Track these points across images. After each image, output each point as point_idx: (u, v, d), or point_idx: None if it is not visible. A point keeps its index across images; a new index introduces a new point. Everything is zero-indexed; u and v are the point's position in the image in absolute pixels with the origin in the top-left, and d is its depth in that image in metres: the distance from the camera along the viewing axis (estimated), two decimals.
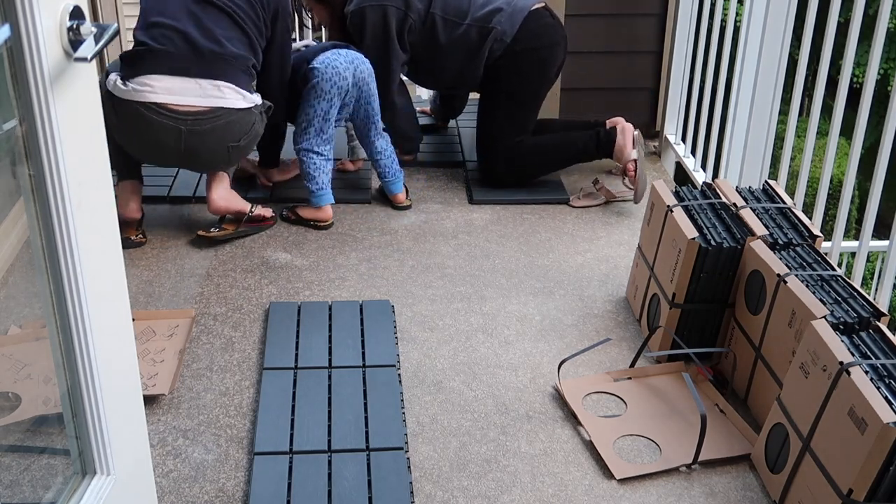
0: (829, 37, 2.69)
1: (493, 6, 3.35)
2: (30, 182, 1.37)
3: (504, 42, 3.35)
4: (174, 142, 2.77)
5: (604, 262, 2.99)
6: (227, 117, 2.79)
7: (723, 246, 2.33)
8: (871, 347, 1.93)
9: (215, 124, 2.78)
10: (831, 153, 2.76)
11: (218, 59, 2.79)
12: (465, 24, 3.33)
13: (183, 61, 2.76)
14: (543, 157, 3.49)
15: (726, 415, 2.27)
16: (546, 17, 3.41)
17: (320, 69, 3.10)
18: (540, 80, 3.45)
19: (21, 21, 1.26)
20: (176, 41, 2.76)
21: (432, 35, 3.36)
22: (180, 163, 3.00)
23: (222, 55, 2.79)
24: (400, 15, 3.31)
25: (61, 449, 1.67)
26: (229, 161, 2.95)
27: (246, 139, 2.88)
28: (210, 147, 2.83)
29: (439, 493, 2.02)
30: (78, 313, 1.44)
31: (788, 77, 3.01)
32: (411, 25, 3.32)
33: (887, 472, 1.72)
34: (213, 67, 2.77)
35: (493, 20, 3.33)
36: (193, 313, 2.61)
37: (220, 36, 2.80)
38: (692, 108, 3.63)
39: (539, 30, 3.38)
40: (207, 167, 2.99)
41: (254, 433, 2.16)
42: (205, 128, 2.77)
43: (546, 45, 3.41)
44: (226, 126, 2.80)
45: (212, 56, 2.78)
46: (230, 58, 2.80)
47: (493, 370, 2.44)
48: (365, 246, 3.05)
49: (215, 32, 2.79)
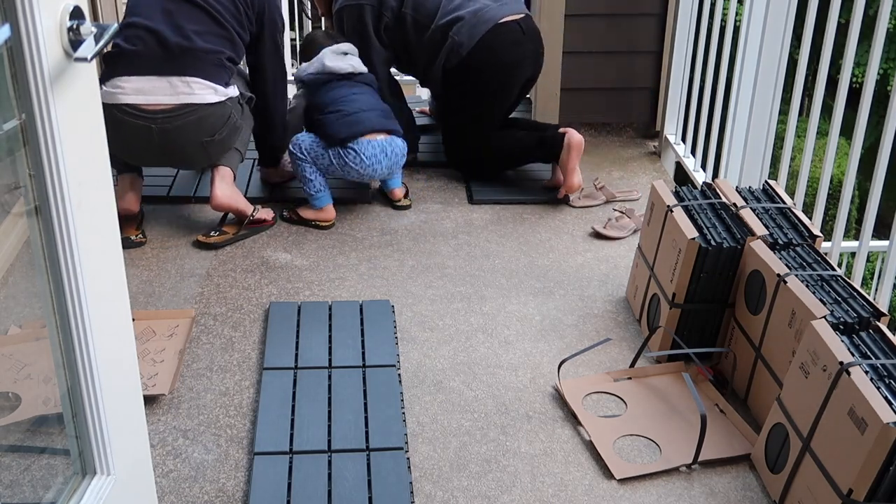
0: (829, 37, 2.69)
1: (456, 14, 3.32)
2: (30, 182, 1.37)
3: (459, 54, 3.33)
4: (147, 140, 2.82)
5: (604, 262, 2.99)
6: (198, 112, 2.82)
7: (723, 246, 2.33)
8: (871, 347, 1.93)
9: (186, 120, 2.81)
10: (831, 153, 2.76)
11: (187, 55, 2.81)
12: (431, 27, 3.34)
13: (152, 60, 2.80)
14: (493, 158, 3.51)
15: (726, 415, 2.27)
16: (514, 31, 3.34)
17: (357, 161, 3.08)
18: (492, 96, 3.42)
19: (21, 21, 1.26)
20: (147, 40, 2.80)
21: (404, 32, 3.39)
22: (161, 160, 3.02)
23: (192, 50, 2.81)
24: (374, 12, 3.36)
25: (61, 449, 1.67)
26: (209, 156, 2.95)
27: (222, 133, 2.89)
28: (183, 143, 2.85)
29: (439, 493, 2.02)
30: (78, 313, 1.44)
31: (788, 77, 3.01)
32: (386, 23, 3.37)
33: (887, 472, 1.72)
34: (182, 63, 2.80)
35: (453, 29, 3.31)
36: (193, 313, 2.61)
37: (190, 31, 2.82)
38: (692, 108, 3.63)
39: (499, 46, 3.33)
40: (188, 164, 3.02)
41: (254, 433, 2.16)
42: (176, 124, 2.80)
43: (505, 64, 3.35)
44: (197, 122, 2.83)
45: (181, 52, 2.81)
46: (200, 52, 2.83)
47: (493, 370, 2.44)
48: (365, 246, 3.05)
49: (186, 28, 2.82)
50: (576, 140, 3.31)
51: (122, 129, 2.79)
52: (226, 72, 2.90)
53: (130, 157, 3.00)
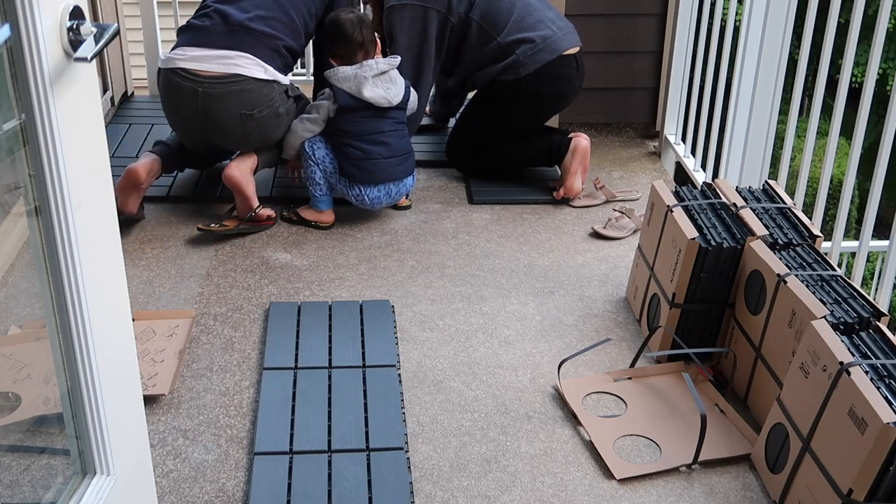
0: (829, 37, 2.69)
1: (526, 35, 3.27)
2: (30, 182, 1.37)
3: (517, 73, 3.29)
4: (193, 105, 3.00)
5: (604, 262, 2.99)
6: (242, 84, 2.98)
7: (723, 246, 2.33)
8: (871, 347, 1.93)
9: (230, 89, 2.98)
10: (831, 153, 2.76)
11: (246, 34, 3.01)
12: (497, 39, 3.28)
13: (212, 35, 3.02)
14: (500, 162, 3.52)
15: (726, 415, 2.27)
16: (571, 66, 3.35)
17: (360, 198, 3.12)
18: (528, 119, 3.42)
19: (21, 21, 1.26)
20: (214, 18, 3.04)
21: (463, 38, 3.30)
22: (202, 130, 3.09)
23: (251, 30, 3.01)
24: (441, 18, 3.23)
25: (61, 449, 1.67)
26: (246, 135, 3.06)
27: (262, 111, 3.02)
28: (224, 111, 3.00)
29: (439, 493, 2.02)
30: (78, 313, 1.44)
31: (788, 77, 3.01)
32: (452, 27, 3.26)
33: (887, 472, 1.72)
34: (240, 40, 3.00)
35: (520, 48, 3.26)
36: (193, 313, 2.61)
37: (254, 14, 3.02)
38: (692, 108, 3.63)
39: (556, 79, 3.33)
40: (225, 135, 3.08)
41: (254, 433, 2.16)
42: (220, 91, 2.97)
43: (554, 95, 3.38)
44: (240, 92, 2.98)
45: (241, 29, 3.01)
46: (259, 34, 3.02)
47: (493, 370, 2.44)
48: (365, 246, 3.05)
49: (252, 11, 3.02)
50: (581, 145, 3.34)
51: (173, 91, 3.03)
52: (280, 58, 3.07)
53: (176, 124, 3.16)
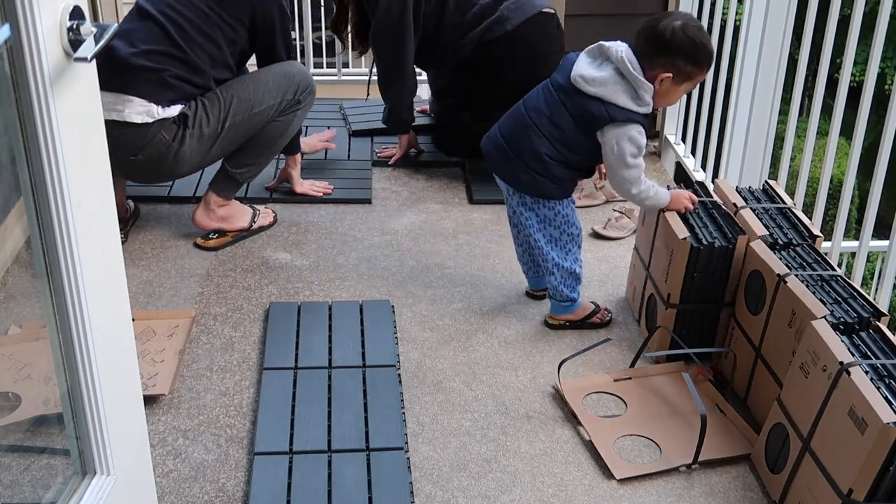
0: (830, 36, 2.69)
1: None
2: (30, 182, 1.37)
3: (504, 28, 3.30)
4: None
5: (604, 262, 2.99)
6: (120, 129, 2.73)
7: (714, 245, 2.33)
8: (871, 347, 1.93)
9: (110, 135, 2.79)
10: (831, 153, 2.76)
11: (128, 72, 2.74)
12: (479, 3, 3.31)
13: (101, 75, 2.76)
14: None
15: (726, 415, 2.27)
16: (553, 23, 3.37)
17: None
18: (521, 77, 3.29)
19: (21, 21, 1.26)
20: (102, 55, 2.77)
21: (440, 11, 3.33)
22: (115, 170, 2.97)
23: (132, 67, 2.74)
24: None
25: (61, 449, 1.67)
26: (153, 170, 2.88)
27: (147, 152, 2.80)
28: (113, 157, 2.82)
29: (439, 493, 2.02)
30: (78, 313, 1.43)
31: (788, 77, 3.01)
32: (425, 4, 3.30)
33: (887, 472, 1.72)
34: (125, 81, 2.74)
35: (502, 6, 3.31)
36: (193, 313, 2.61)
37: (139, 49, 2.76)
38: (692, 108, 3.63)
39: (543, 31, 3.34)
40: (136, 176, 2.97)
41: (254, 433, 2.16)
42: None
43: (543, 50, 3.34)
44: (118, 136, 2.71)
45: (124, 69, 2.73)
46: (139, 69, 2.75)
47: (493, 370, 2.44)
48: (365, 246, 3.05)
49: (137, 45, 2.76)
50: None
51: None
52: (171, 90, 2.80)
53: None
